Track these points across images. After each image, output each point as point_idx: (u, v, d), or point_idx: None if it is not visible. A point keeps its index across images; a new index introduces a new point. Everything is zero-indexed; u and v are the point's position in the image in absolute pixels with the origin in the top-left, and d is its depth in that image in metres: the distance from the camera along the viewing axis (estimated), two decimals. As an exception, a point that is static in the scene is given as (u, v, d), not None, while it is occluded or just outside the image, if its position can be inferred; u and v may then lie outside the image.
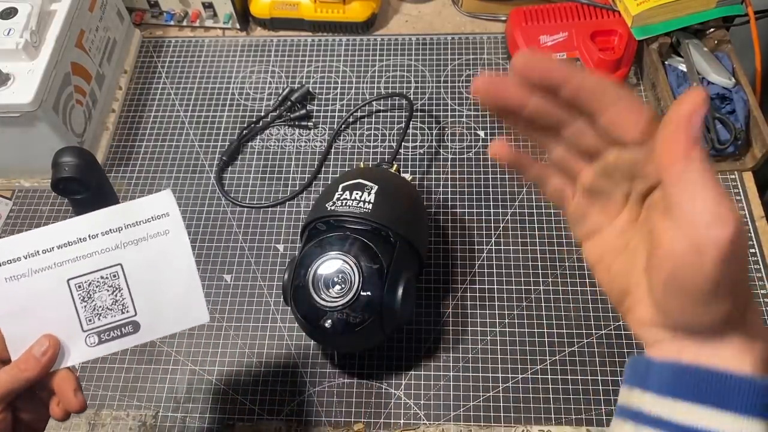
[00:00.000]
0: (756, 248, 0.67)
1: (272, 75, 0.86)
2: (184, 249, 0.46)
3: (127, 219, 0.45)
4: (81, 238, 0.45)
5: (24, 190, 0.77)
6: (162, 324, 0.46)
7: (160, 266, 0.45)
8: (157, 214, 0.46)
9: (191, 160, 0.79)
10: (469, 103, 0.81)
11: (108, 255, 0.45)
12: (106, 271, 0.45)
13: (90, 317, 0.45)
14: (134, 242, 0.45)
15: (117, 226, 0.45)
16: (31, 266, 0.44)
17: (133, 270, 0.45)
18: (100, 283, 0.45)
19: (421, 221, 0.65)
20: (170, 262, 0.45)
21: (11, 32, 0.68)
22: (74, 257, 0.45)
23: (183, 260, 0.46)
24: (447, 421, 0.61)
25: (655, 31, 0.76)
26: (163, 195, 0.46)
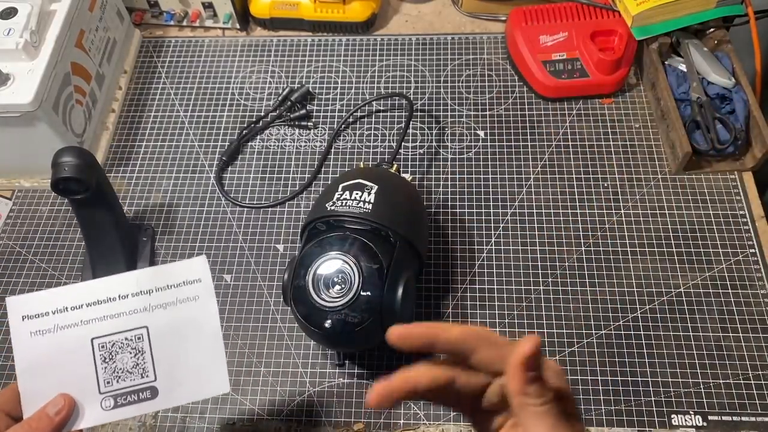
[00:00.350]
0: (756, 248, 0.67)
1: (272, 75, 0.86)
2: (212, 317, 0.45)
3: (159, 282, 0.44)
4: (111, 298, 0.44)
5: (24, 190, 0.77)
6: (181, 392, 0.45)
7: (185, 332, 0.44)
8: (189, 279, 0.45)
9: (191, 160, 0.79)
10: (469, 103, 0.81)
11: (135, 317, 0.44)
12: (131, 333, 0.44)
13: (109, 379, 0.44)
14: (163, 306, 0.44)
15: (148, 288, 0.44)
16: (57, 322, 0.43)
17: (158, 334, 0.44)
18: (124, 344, 0.44)
19: (421, 221, 0.65)
20: (197, 329, 0.44)
21: (11, 32, 0.68)
22: (101, 316, 0.44)
23: (210, 328, 0.45)
24: (447, 421, 0.61)
25: (655, 31, 0.76)
26: (197, 261, 0.45)
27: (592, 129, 0.77)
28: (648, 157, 0.75)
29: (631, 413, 0.60)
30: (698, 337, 0.63)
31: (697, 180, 0.72)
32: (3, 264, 0.72)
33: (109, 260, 0.68)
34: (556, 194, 0.73)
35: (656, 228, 0.70)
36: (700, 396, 0.60)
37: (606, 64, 0.76)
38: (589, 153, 0.75)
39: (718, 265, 0.67)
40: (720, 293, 0.65)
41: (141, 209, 0.75)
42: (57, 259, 0.72)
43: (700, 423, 0.59)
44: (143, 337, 0.44)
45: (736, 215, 0.70)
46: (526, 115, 0.79)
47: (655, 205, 0.71)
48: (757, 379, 0.61)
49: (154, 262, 0.71)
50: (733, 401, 0.60)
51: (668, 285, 0.66)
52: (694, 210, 0.71)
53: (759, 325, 0.63)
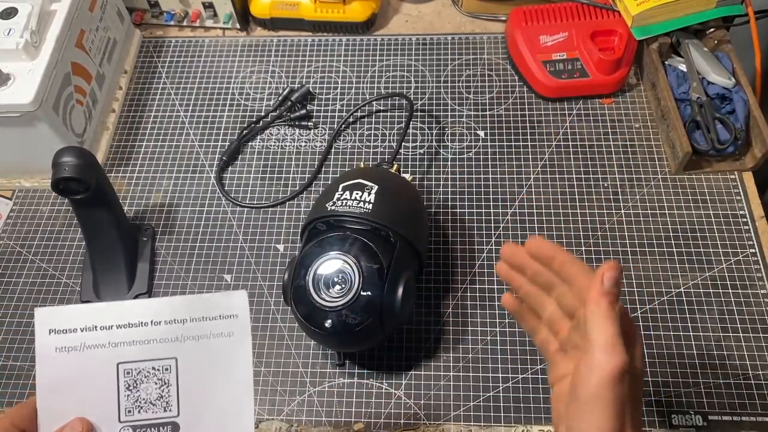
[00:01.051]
0: (756, 248, 0.68)
1: (272, 75, 0.86)
2: (245, 356, 0.42)
3: (194, 312, 0.42)
4: (142, 322, 0.42)
5: (24, 190, 0.77)
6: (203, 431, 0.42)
7: (215, 369, 0.42)
8: (226, 314, 0.42)
9: (191, 160, 0.79)
10: (469, 103, 0.81)
11: (165, 345, 0.42)
12: (159, 363, 0.42)
13: (130, 408, 0.42)
14: (195, 338, 0.42)
15: (182, 318, 0.42)
16: (84, 340, 0.41)
17: (187, 367, 0.42)
18: (150, 373, 0.42)
19: (421, 221, 0.65)
20: (227, 367, 0.42)
21: (11, 32, 0.68)
22: (130, 340, 0.42)
23: (241, 368, 0.42)
24: (447, 421, 0.61)
25: (655, 31, 0.76)
26: (237, 294, 0.43)
27: (592, 129, 0.77)
28: (648, 157, 0.75)
29: (631, 413, 0.60)
30: (698, 337, 0.63)
31: (697, 180, 0.72)
32: (3, 264, 0.72)
33: (109, 260, 0.68)
34: (556, 194, 0.73)
35: (656, 228, 0.70)
36: (700, 396, 0.60)
37: (606, 64, 0.76)
38: (589, 153, 0.75)
39: (718, 265, 0.67)
40: (720, 293, 0.65)
41: (141, 209, 0.75)
42: (57, 259, 0.72)
43: (700, 423, 0.59)
44: (171, 368, 0.42)
45: (736, 215, 0.70)
46: (526, 115, 0.79)
47: (655, 205, 0.71)
48: (757, 379, 0.61)
49: (154, 262, 0.71)
50: (733, 401, 0.60)
51: (668, 285, 0.66)
52: (694, 210, 0.71)
53: (759, 325, 0.63)
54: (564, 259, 0.44)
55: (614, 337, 0.39)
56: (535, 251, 0.45)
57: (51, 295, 0.70)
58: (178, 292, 0.69)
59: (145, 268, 0.70)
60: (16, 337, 0.67)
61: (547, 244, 0.45)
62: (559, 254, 0.44)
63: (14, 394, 0.64)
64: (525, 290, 0.47)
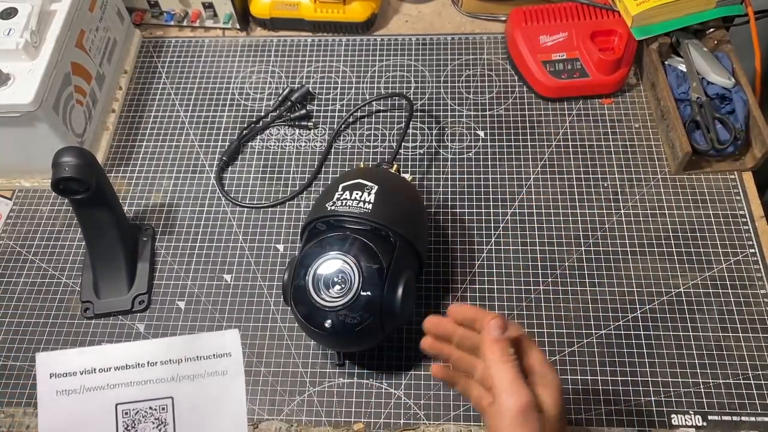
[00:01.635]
0: (756, 248, 0.68)
1: (272, 75, 0.86)
2: (238, 394, 0.44)
3: (189, 352, 0.44)
4: (139, 364, 0.44)
5: (24, 190, 0.77)
6: None
7: (210, 407, 0.44)
8: (219, 353, 0.44)
9: (191, 160, 0.79)
10: (469, 103, 0.81)
11: (162, 386, 0.43)
12: (156, 402, 0.43)
13: None
14: (190, 377, 0.44)
15: (177, 358, 0.44)
16: (84, 383, 0.43)
17: (183, 405, 0.43)
18: (147, 413, 0.43)
19: (421, 221, 0.65)
20: (222, 405, 0.44)
21: (11, 32, 0.68)
22: (128, 381, 0.43)
23: (235, 405, 0.44)
24: (447, 421, 0.61)
25: (654, 31, 0.76)
26: (229, 333, 0.45)
27: (592, 129, 0.77)
28: (648, 157, 0.75)
29: (631, 413, 0.60)
30: (698, 337, 0.63)
31: (697, 180, 0.72)
32: (3, 264, 0.72)
33: (109, 260, 0.68)
34: (556, 194, 0.73)
35: (656, 228, 0.70)
36: (700, 396, 0.60)
37: (606, 64, 0.76)
38: (589, 153, 0.75)
39: (718, 265, 0.67)
40: (720, 293, 0.65)
41: (141, 209, 0.75)
42: (57, 259, 0.72)
43: (700, 423, 0.59)
44: (167, 407, 0.44)
45: (736, 215, 0.70)
46: (526, 115, 0.79)
47: (655, 205, 0.71)
48: (757, 379, 0.61)
49: (154, 262, 0.71)
50: (733, 401, 0.60)
51: (668, 285, 0.66)
52: (694, 210, 0.71)
53: (759, 325, 0.63)
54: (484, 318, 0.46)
55: (513, 377, 0.42)
56: (458, 317, 0.48)
57: (51, 295, 0.70)
58: (178, 292, 0.69)
59: (145, 268, 0.70)
60: (16, 337, 0.67)
61: (466, 307, 0.48)
62: (479, 315, 0.46)
63: (14, 394, 0.64)
64: (455, 357, 0.49)
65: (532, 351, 0.45)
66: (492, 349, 0.43)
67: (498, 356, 0.43)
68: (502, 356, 0.43)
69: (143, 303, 0.68)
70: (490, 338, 0.44)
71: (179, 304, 0.68)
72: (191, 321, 0.67)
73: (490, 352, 0.43)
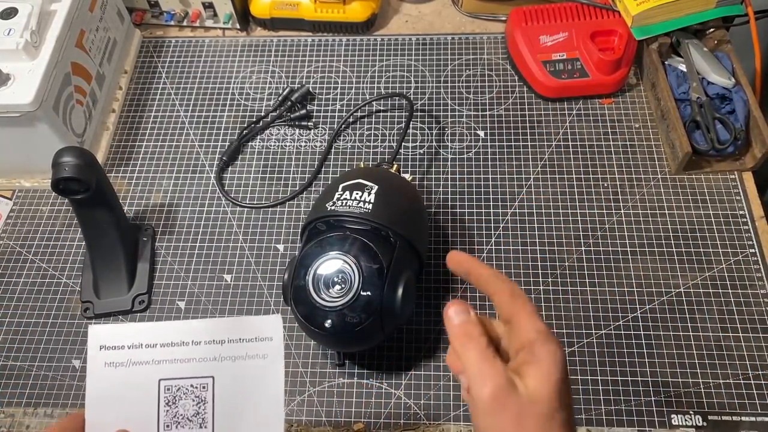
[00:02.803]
0: (756, 248, 0.68)
1: (272, 75, 0.86)
2: (277, 377, 0.44)
3: (232, 334, 0.45)
4: (184, 342, 0.44)
5: (24, 190, 0.77)
6: None
7: (249, 388, 0.44)
8: (261, 336, 0.45)
9: (191, 160, 0.79)
10: (469, 103, 0.81)
11: (204, 365, 0.44)
12: (198, 381, 0.44)
13: (169, 423, 0.44)
14: (232, 358, 0.44)
15: (220, 339, 0.44)
16: (131, 357, 0.44)
17: (223, 385, 0.44)
18: (188, 391, 0.44)
19: (421, 221, 0.65)
20: (260, 387, 0.44)
21: (11, 32, 0.68)
22: (172, 359, 0.44)
23: (274, 389, 0.44)
24: (447, 421, 0.61)
25: (655, 31, 0.76)
26: (272, 318, 0.45)
27: (592, 129, 0.77)
28: (648, 157, 0.75)
29: (631, 413, 0.60)
30: (698, 337, 0.63)
31: (697, 180, 0.72)
32: (3, 264, 0.72)
33: (109, 260, 0.68)
34: (556, 194, 0.73)
35: (656, 228, 0.70)
36: (700, 396, 0.60)
37: (606, 64, 0.76)
38: (589, 153, 0.75)
39: (718, 265, 0.67)
40: (720, 293, 0.65)
41: (141, 209, 0.75)
42: (57, 259, 0.72)
43: (700, 423, 0.59)
44: (208, 386, 0.44)
45: (736, 215, 0.70)
46: (526, 115, 0.79)
47: (655, 205, 0.71)
48: (757, 379, 0.61)
49: (154, 262, 0.71)
50: (733, 401, 0.60)
51: (668, 285, 0.66)
52: (694, 210, 0.71)
53: (759, 325, 0.63)
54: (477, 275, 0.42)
55: (479, 359, 0.37)
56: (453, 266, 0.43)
57: (51, 295, 0.70)
58: (178, 292, 0.69)
59: (145, 268, 0.70)
60: (16, 337, 0.67)
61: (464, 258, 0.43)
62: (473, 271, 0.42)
63: (14, 394, 0.64)
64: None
65: (524, 320, 0.38)
66: (455, 337, 0.38)
67: (461, 344, 0.38)
68: (465, 342, 0.38)
69: (143, 303, 0.68)
70: (450, 325, 0.39)
71: (179, 304, 0.68)
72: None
73: (455, 341, 0.38)
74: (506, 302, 0.39)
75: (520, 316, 0.38)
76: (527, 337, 0.37)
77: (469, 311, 0.39)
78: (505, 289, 0.40)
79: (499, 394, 0.35)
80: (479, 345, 0.37)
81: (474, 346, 0.37)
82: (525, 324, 0.38)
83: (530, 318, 0.38)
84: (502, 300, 0.40)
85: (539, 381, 0.36)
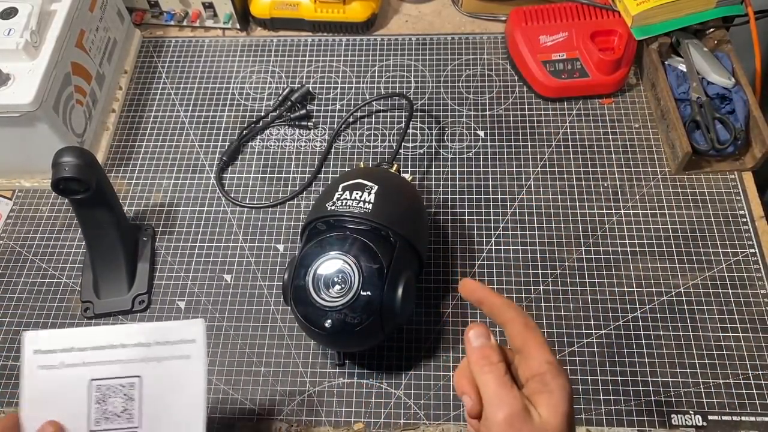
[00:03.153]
0: (756, 248, 0.68)
1: (272, 75, 0.86)
2: (199, 377, 0.48)
3: (158, 337, 0.48)
4: (113, 345, 0.48)
5: (24, 190, 0.77)
6: None
7: (173, 387, 0.48)
8: (185, 339, 0.48)
9: (191, 160, 0.79)
10: (469, 103, 0.81)
11: (131, 365, 0.48)
12: (126, 380, 0.48)
13: (98, 419, 0.47)
14: (157, 359, 0.48)
15: (147, 341, 0.48)
16: (63, 360, 0.48)
17: (149, 385, 0.48)
18: (117, 389, 0.48)
19: (421, 221, 0.65)
20: (183, 386, 0.48)
21: (11, 32, 0.68)
22: (102, 360, 0.48)
23: (196, 388, 0.48)
24: (447, 421, 0.61)
25: (654, 31, 0.76)
26: (195, 322, 0.49)
27: (592, 129, 0.77)
28: (648, 157, 0.75)
29: (631, 413, 0.60)
30: (698, 337, 0.63)
31: (697, 180, 0.72)
32: (3, 264, 0.72)
33: (109, 260, 0.68)
34: (556, 194, 0.73)
35: (656, 228, 0.70)
36: (700, 396, 0.60)
37: (606, 64, 0.76)
38: (589, 153, 0.75)
39: (718, 265, 0.67)
40: (720, 293, 0.65)
41: (141, 209, 0.75)
42: (57, 259, 0.72)
43: (700, 423, 0.59)
44: (135, 385, 0.48)
45: (736, 215, 0.70)
46: (526, 115, 0.79)
47: (655, 205, 0.71)
48: (757, 379, 0.61)
49: (154, 262, 0.71)
50: (733, 401, 0.60)
51: (668, 285, 0.66)
52: (694, 210, 0.71)
53: (759, 325, 0.63)
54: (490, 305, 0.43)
55: (497, 387, 0.38)
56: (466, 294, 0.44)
57: (51, 295, 0.70)
58: (178, 292, 0.69)
59: (145, 268, 0.70)
60: (16, 337, 0.67)
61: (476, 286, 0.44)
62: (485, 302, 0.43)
63: (14, 394, 0.64)
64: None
65: (535, 350, 0.40)
66: (473, 359, 0.40)
67: (479, 367, 0.40)
68: (483, 366, 0.40)
69: (143, 303, 0.68)
70: (470, 348, 0.41)
71: (179, 304, 0.68)
72: (191, 321, 0.67)
73: (472, 363, 0.40)
74: (519, 332, 0.41)
75: (530, 345, 0.40)
76: (538, 368, 0.39)
77: (489, 336, 0.41)
78: (517, 319, 0.41)
79: (514, 420, 0.37)
80: (498, 370, 0.39)
81: (492, 370, 0.39)
82: (536, 354, 0.39)
83: (541, 349, 0.40)
84: (514, 329, 0.41)
85: (550, 411, 0.38)
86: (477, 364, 0.40)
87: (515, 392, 0.38)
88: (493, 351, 0.40)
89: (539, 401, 0.38)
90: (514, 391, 0.38)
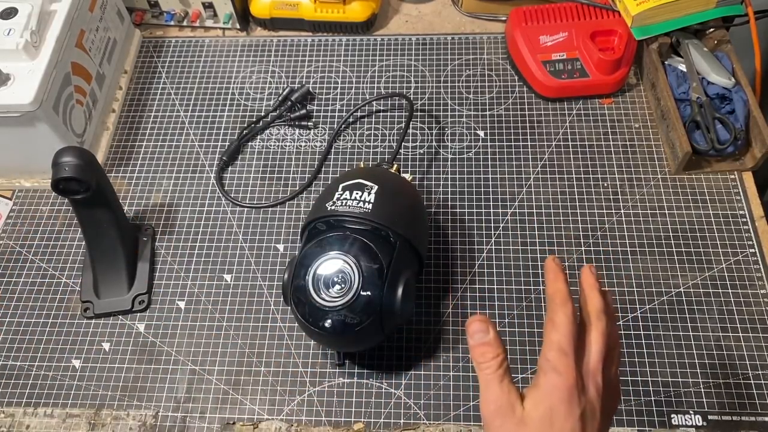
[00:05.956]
0: (756, 248, 0.68)
1: (272, 75, 0.86)
2: None
3: None
4: None
5: (24, 190, 0.77)
6: None
7: None
8: None
9: (191, 160, 0.79)
10: (469, 103, 0.81)
11: None
12: None
13: None
14: None
15: None
16: None
17: None
18: None
19: (421, 221, 0.65)
20: None
21: (11, 32, 0.68)
22: None
23: None
24: (447, 421, 0.61)
25: (654, 31, 0.76)
26: None
27: (592, 129, 0.77)
28: (648, 157, 0.75)
29: (631, 413, 0.60)
30: (698, 337, 0.63)
31: (697, 180, 0.72)
32: (3, 264, 0.72)
33: (110, 260, 0.68)
34: (556, 194, 0.73)
35: (656, 228, 0.70)
36: (700, 396, 0.60)
37: (606, 64, 0.76)
38: (589, 153, 0.75)
39: (718, 265, 0.67)
40: (720, 293, 0.65)
41: (141, 209, 0.75)
42: (57, 259, 0.72)
43: (700, 423, 0.59)
44: None
45: (736, 215, 0.70)
46: (526, 115, 0.79)
47: (655, 205, 0.71)
48: (757, 379, 0.61)
49: (154, 262, 0.71)
50: (733, 401, 0.60)
51: (668, 285, 0.66)
52: (694, 210, 0.71)
53: (759, 325, 0.63)
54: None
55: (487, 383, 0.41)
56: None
57: (51, 295, 0.70)
58: (178, 292, 0.69)
59: (145, 268, 0.70)
60: (16, 337, 0.67)
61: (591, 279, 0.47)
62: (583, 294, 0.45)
63: (14, 394, 0.64)
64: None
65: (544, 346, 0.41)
66: (471, 354, 0.42)
67: (476, 363, 0.42)
68: (481, 363, 0.41)
69: (143, 303, 0.68)
70: (469, 342, 0.42)
71: (179, 304, 0.68)
72: (191, 321, 0.67)
73: (471, 357, 0.42)
74: (545, 325, 0.43)
75: (544, 339, 0.42)
76: (539, 363, 0.41)
77: (488, 330, 0.42)
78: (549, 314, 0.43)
79: (497, 415, 0.40)
80: (490, 366, 0.41)
81: (486, 367, 0.41)
82: (543, 349, 0.41)
83: (546, 345, 0.41)
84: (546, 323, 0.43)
85: (532, 405, 0.40)
86: (475, 360, 0.42)
87: (505, 387, 0.41)
88: (489, 346, 0.41)
89: (527, 394, 0.41)
90: (502, 385, 0.40)
